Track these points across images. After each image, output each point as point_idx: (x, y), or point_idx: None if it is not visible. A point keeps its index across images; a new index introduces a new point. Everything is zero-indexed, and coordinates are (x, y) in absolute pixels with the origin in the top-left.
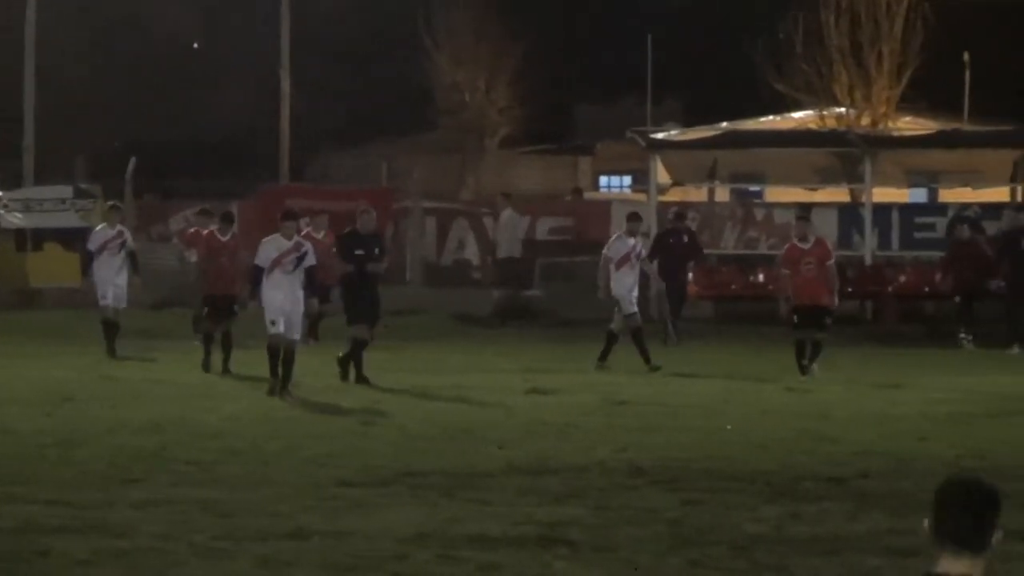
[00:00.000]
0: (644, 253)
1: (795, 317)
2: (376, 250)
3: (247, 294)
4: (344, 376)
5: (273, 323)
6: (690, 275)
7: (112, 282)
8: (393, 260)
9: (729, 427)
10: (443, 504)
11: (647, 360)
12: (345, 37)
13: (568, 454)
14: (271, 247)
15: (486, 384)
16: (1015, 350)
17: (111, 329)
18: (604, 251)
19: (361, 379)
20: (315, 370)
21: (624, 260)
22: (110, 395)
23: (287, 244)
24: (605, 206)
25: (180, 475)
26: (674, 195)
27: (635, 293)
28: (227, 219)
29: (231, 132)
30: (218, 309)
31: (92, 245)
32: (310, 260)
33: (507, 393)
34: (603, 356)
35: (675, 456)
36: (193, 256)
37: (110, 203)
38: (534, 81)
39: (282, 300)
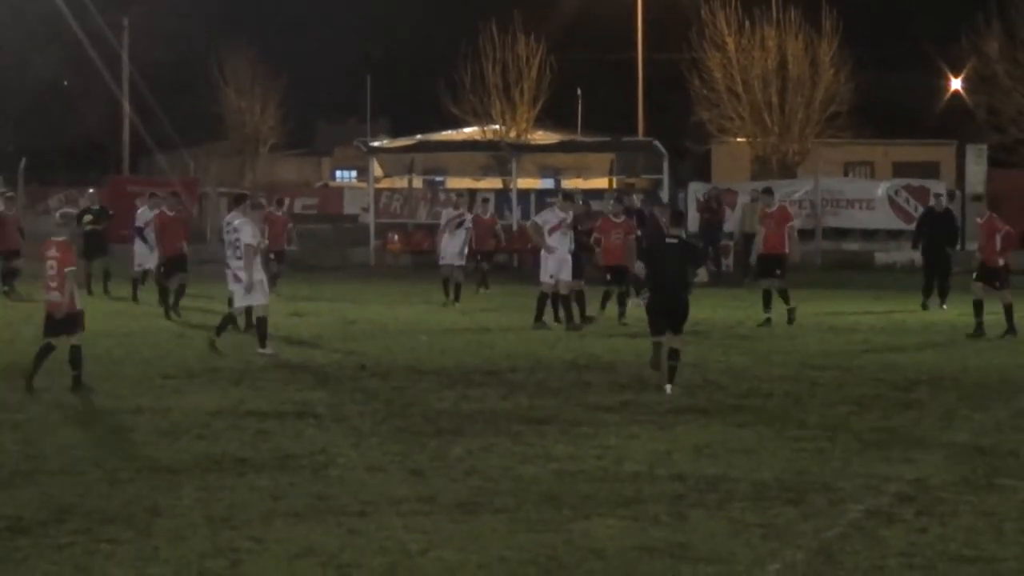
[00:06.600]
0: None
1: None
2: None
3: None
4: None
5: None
6: None
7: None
8: (198, 228)
9: (424, 338)
10: (232, 390)
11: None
12: (166, 75)
13: (316, 356)
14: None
15: None
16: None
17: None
18: (534, 219)
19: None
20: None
21: (555, 229)
22: (10, 318)
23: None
24: (339, 191)
25: (57, 370)
26: (385, 183)
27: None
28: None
29: (89, 140)
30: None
31: (139, 223)
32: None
33: (274, 316)
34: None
35: (387, 357)
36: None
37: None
38: (292, 106)
39: None
